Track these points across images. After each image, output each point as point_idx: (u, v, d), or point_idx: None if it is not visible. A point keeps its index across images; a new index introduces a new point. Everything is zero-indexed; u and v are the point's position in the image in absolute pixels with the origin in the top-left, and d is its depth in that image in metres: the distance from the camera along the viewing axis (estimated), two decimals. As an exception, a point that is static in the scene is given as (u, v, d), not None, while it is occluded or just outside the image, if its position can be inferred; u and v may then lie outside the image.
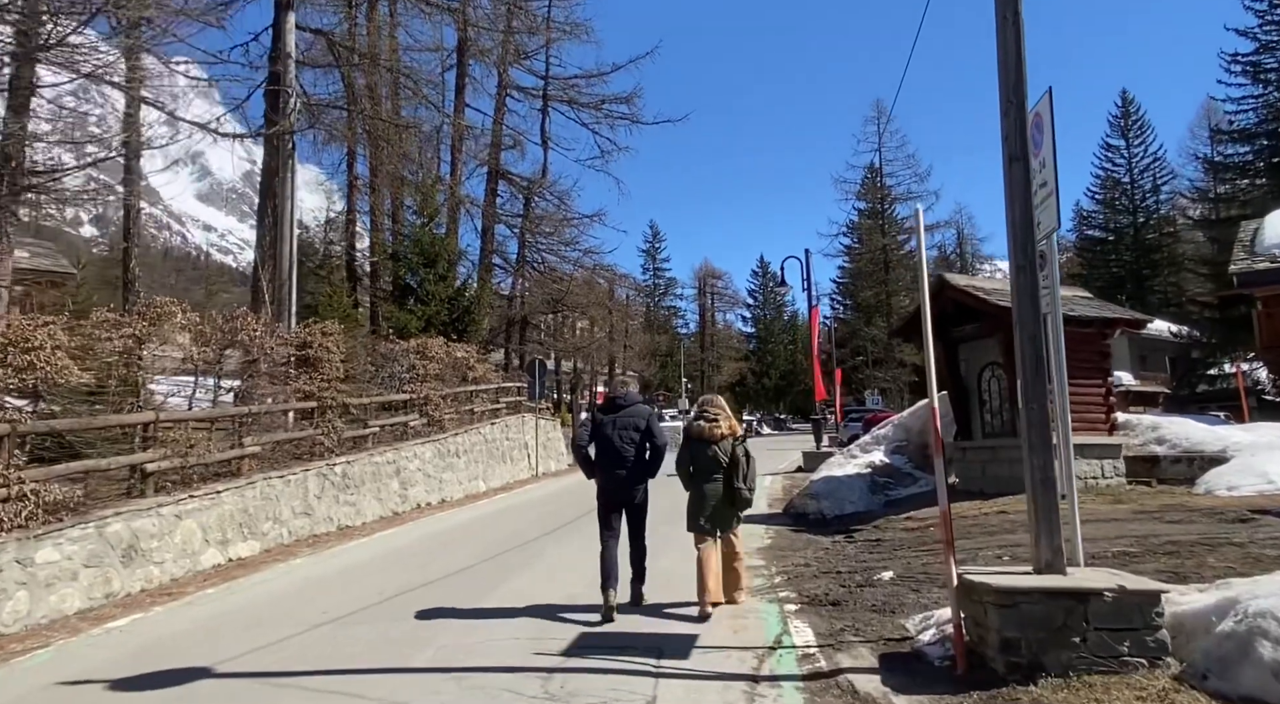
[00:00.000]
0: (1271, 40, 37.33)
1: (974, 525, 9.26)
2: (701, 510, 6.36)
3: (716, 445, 6.39)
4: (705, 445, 6.42)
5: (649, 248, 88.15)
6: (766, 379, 78.93)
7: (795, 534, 10.63)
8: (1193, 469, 11.49)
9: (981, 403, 12.00)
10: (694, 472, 6.45)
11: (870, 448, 13.93)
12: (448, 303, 22.55)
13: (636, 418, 6.49)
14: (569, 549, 9.61)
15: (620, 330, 53.14)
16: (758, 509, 13.70)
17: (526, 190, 29.88)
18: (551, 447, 24.54)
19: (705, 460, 6.40)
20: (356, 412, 13.65)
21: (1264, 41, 37.38)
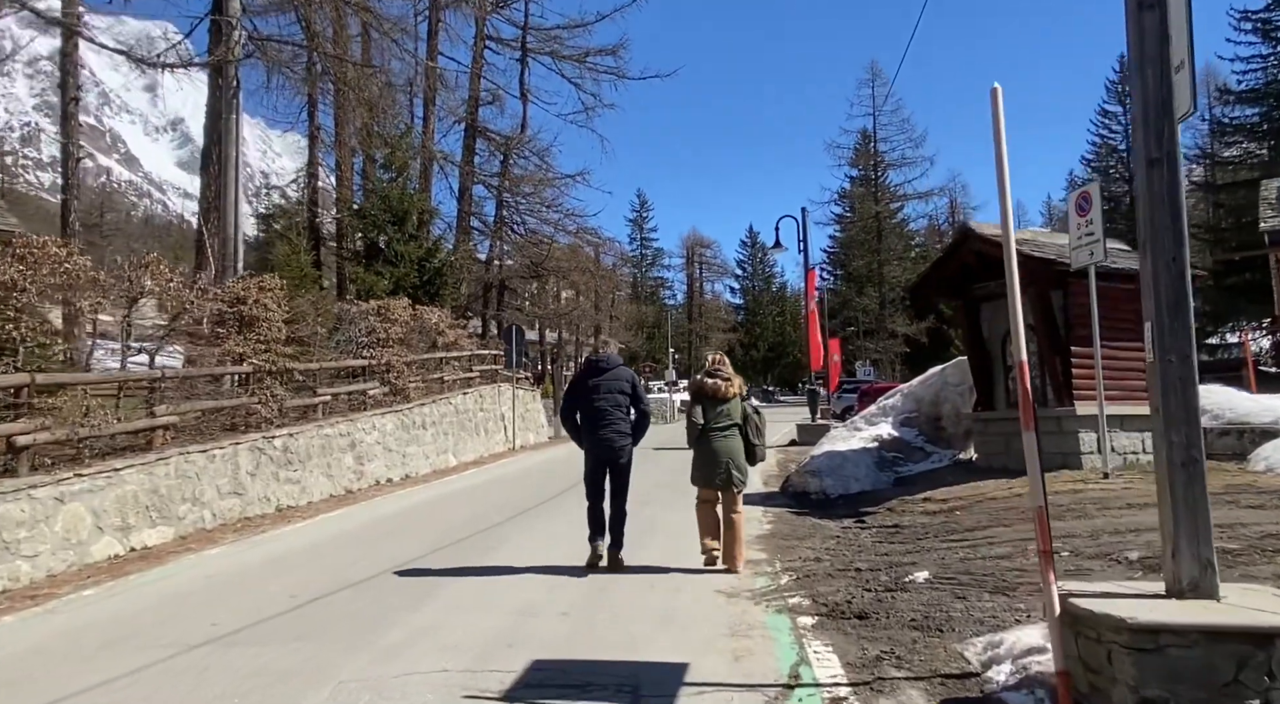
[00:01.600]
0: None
1: (1008, 509, 7.94)
2: (713, 465, 6.36)
3: (728, 403, 6.43)
4: (718, 403, 6.43)
5: (636, 217, 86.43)
6: (755, 351, 77.80)
7: (797, 518, 9.29)
8: (1243, 443, 10.21)
9: (1006, 369, 10.65)
10: (705, 427, 6.41)
11: (876, 420, 12.60)
12: (418, 265, 20.98)
13: (620, 381, 6.61)
14: (537, 537, 8.23)
15: (606, 299, 51.62)
16: (753, 487, 12.33)
17: (504, 147, 28.15)
18: (531, 418, 23.14)
19: (717, 416, 6.40)
20: (304, 378, 12.16)
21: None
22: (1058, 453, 9.80)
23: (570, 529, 7.89)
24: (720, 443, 6.38)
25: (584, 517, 6.76)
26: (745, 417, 6.50)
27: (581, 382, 6.76)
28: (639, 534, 7.45)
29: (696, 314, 71.95)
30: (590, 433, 6.57)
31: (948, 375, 12.10)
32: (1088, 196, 9.02)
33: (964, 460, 11.57)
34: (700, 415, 6.46)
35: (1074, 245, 9.20)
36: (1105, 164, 73.26)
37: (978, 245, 10.11)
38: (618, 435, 6.53)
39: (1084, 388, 9.82)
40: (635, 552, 6.96)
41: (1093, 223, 8.95)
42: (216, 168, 15.45)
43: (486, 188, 29.23)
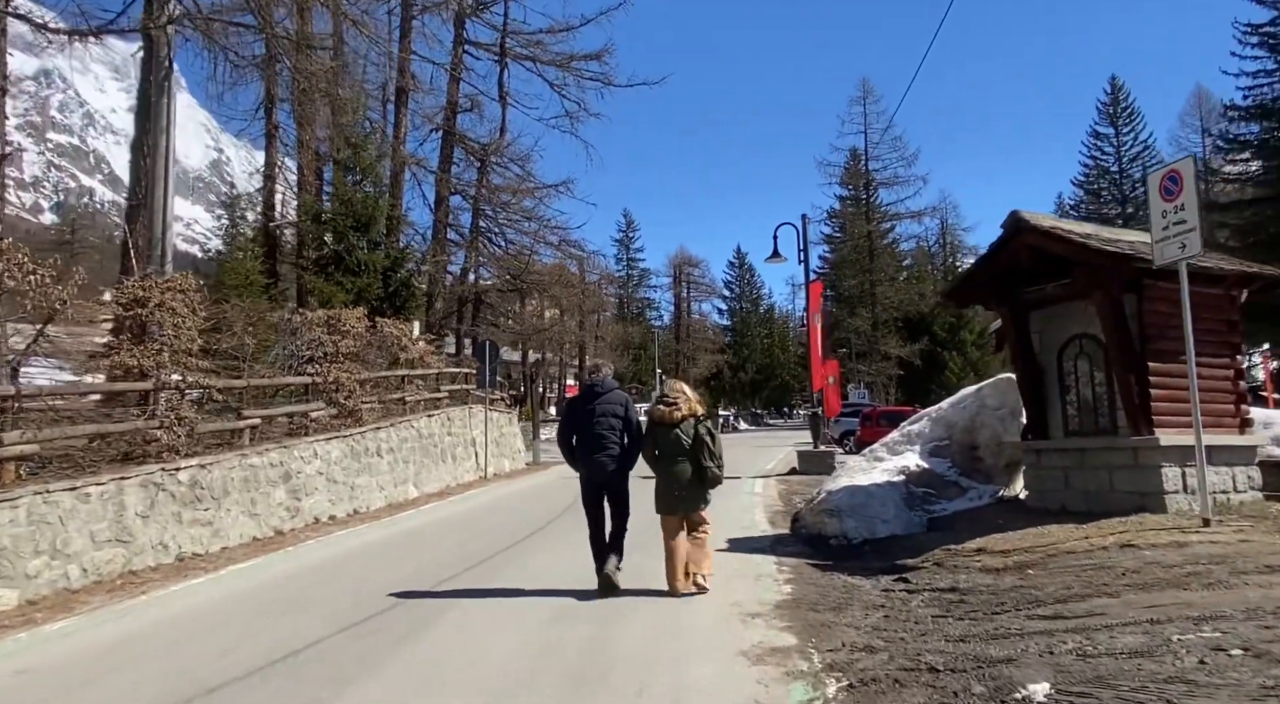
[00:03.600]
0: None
1: (1098, 568, 6.13)
2: (667, 493, 6.48)
3: (678, 427, 6.48)
4: (667, 429, 6.51)
5: (623, 237, 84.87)
6: (743, 373, 76.14)
7: (821, 573, 7.44)
8: (1350, 480, 8.49)
9: (1064, 389, 8.88)
10: (659, 455, 6.56)
11: (900, 448, 10.80)
12: (383, 275, 19.13)
13: (615, 405, 6.61)
14: (495, 613, 6.33)
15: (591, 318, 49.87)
16: (758, 527, 10.53)
17: (482, 153, 26.43)
18: (506, 444, 21.22)
19: (668, 443, 6.50)
20: (225, 398, 10.25)
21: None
22: (1134, 492, 8.03)
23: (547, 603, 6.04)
24: (674, 467, 6.45)
25: (566, 575, 6.69)
26: (697, 439, 6.46)
27: (579, 406, 6.77)
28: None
29: (684, 335, 70.19)
30: (585, 457, 6.58)
31: (985, 396, 10.34)
32: (1177, 175, 7.32)
33: (1009, 498, 9.78)
34: (654, 442, 6.59)
35: (1159, 237, 7.48)
36: (1096, 186, 72.70)
37: (1032, 239, 8.38)
38: (610, 460, 6.51)
39: (1166, 413, 8.07)
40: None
41: (1184, 208, 7.25)
42: (147, 160, 13.59)
43: (463, 197, 27.47)
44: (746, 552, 8.66)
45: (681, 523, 6.48)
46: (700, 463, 6.41)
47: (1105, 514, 8.00)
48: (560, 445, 6.92)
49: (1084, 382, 8.68)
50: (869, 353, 52.13)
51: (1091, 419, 8.59)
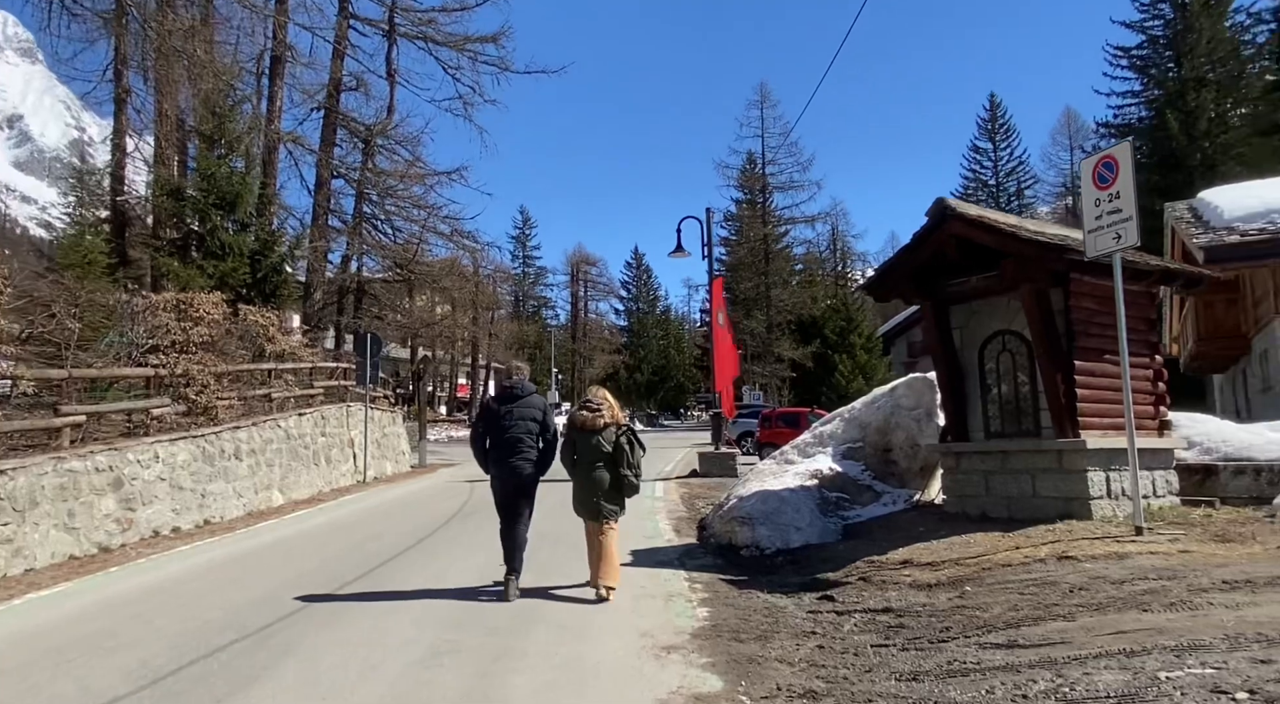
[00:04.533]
0: (1157, 35, 37.12)
1: (1041, 584, 5.57)
2: (585, 498, 6.43)
3: (599, 435, 6.43)
4: (588, 435, 6.46)
5: (519, 234, 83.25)
6: (639, 374, 75.82)
7: (738, 592, 6.64)
8: (1260, 484, 8.38)
9: (985, 389, 8.44)
10: (577, 460, 6.51)
11: (812, 450, 10.21)
12: (251, 259, 17.31)
13: (533, 409, 6.53)
14: (364, 635, 5.21)
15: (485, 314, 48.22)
16: (663, 536, 9.69)
17: (367, 134, 24.68)
18: (389, 445, 19.71)
19: (588, 449, 6.45)
20: (38, 391, 8.62)
21: (1151, 35, 37.12)
22: (1058, 497, 7.63)
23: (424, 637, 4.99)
24: (592, 473, 6.41)
25: (449, 603, 6.11)
26: (617, 447, 6.43)
27: (495, 409, 6.62)
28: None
29: (581, 334, 69.20)
30: (500, 461, 6.48)
31: (900, 396, 9.86)
32: (1112, 162, 6.93)
33: (924, 504, 9.31)
34: (573, 447, 6.55)
35: (1092, 227, 7.08)
36: (976, 198, 76.12)
37: (958, 228, 7.89)
38: (526, 464, 6.45)
39: (1091, 414, 7.71)
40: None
41: (1120, 196, 6.85)
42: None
43: (346, 181, 25.62)
44: (654, 565, 7.81)
45: (598, 528, 6.45)
46: (619, 471, 6.39)
47: (1028, 521, 7.56)
48: (473, 448, 6.75)
49: (1006, 380, 8.26)
50: (764, 355, 52.50)
51: (1014, 420, 8.17)
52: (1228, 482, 8.40)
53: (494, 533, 6.77)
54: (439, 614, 5.87)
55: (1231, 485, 8.37)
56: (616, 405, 6.68)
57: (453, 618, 5.75)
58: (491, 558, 7.80)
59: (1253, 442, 9.28)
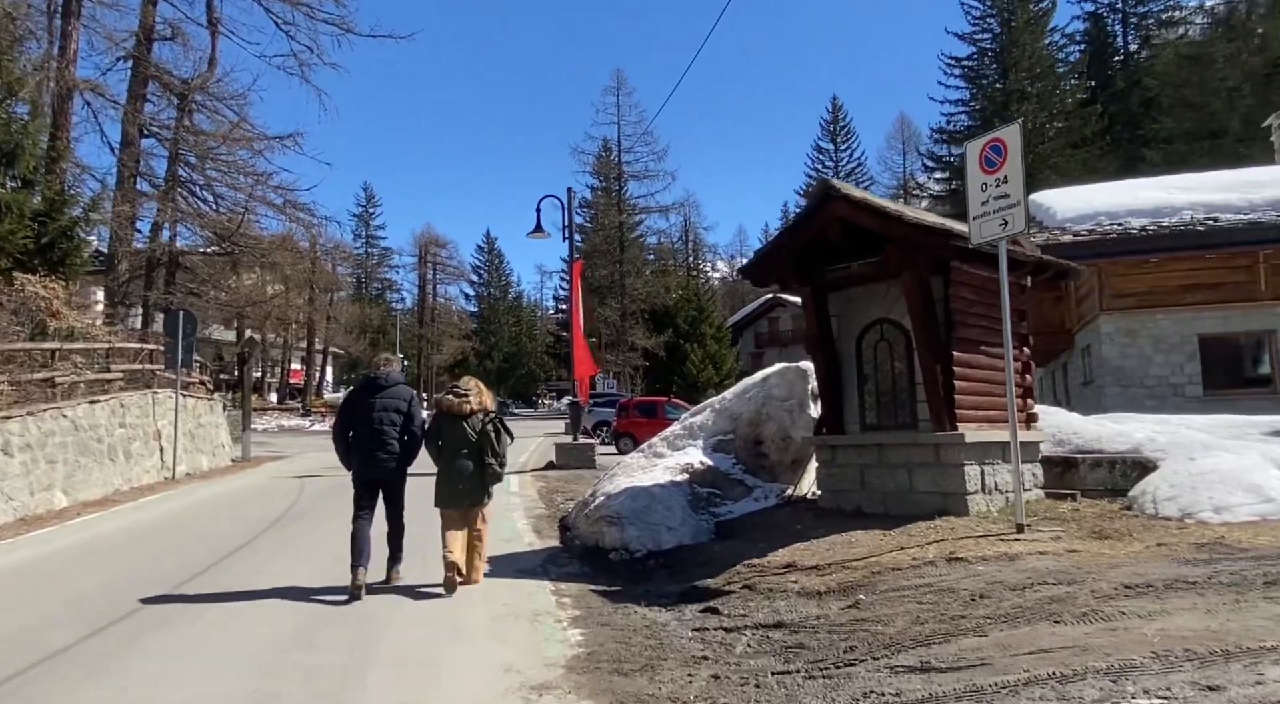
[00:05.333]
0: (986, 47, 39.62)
1: (939, 591, 5.19)
2: (449, 486, 6.31)
3: (466, 421, 6.35)
4: (455, 421, 6.37)
5: (362, 212, 79.06)
6: (490, 361, 73.97)
7: (613, 607, 5.91)
8: (1115, 476, 8.56)
9: (862, 379, 8.14)
10: (443, 447, 6.36)
11: (682, 442, 9.65)
12: (34, 221, 14.80)
13: (399, 400, 6.38)
14: (150, 690, 4.04)
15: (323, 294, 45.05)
16: (522, 538, 8.82)
17: (184, 89, 21.97)
18: (206, 436, 17.59)
19: (454, 436, 6.35)
20: None
21: (981, 48, 39.59)
22: (935, 492, 7.42)
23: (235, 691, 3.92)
24: (457, 461, 6.31)
25: (268, 637, 5.12)
26: (483, 434, 6.36)
27: (358, 399, 6.44)
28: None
29: (429, 319, 66.39)
30: (363, 453, 6.29)
31: (772, 387, 9.47)
32: (1000, 145, 6.70)
33: (797, 499, 8.95)
34: (438, 434, 6.41)
35: (977, 213, 6.84)
36: (819, 197, 79.20)
37: (842, 210, 7.49)
38: (389, 457, 6.29)
39: (968, 406, 7.54)
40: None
41: (1008, 181, 6.63)
42: None
43: (159, 141, 22.73)
44: (515, 574, 6.96)
45: (463, 518, 6.34)
46: (484, 459, 6.31)
47: (905, 517, 7.31)
48: (335, 440, 6.50)
49: (884, 371, 7.98)
50: (618, 343, 52.28)
51: (891, 412, 7.91)
52: (1086, 474, 8.54)
53: (323, 541, 5.75)
54: (257, 652, 4.77)
55: (1090, 478, 8.51)
56: (486, 393, 6.54)
57: (268, 661, 4.67)
58: (324, 573, 6.70)
59: (1100, 433, 9.56)
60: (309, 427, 37.02)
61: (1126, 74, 45.82)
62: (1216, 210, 15.87)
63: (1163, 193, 16.96)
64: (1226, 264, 15.82)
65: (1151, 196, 16.95)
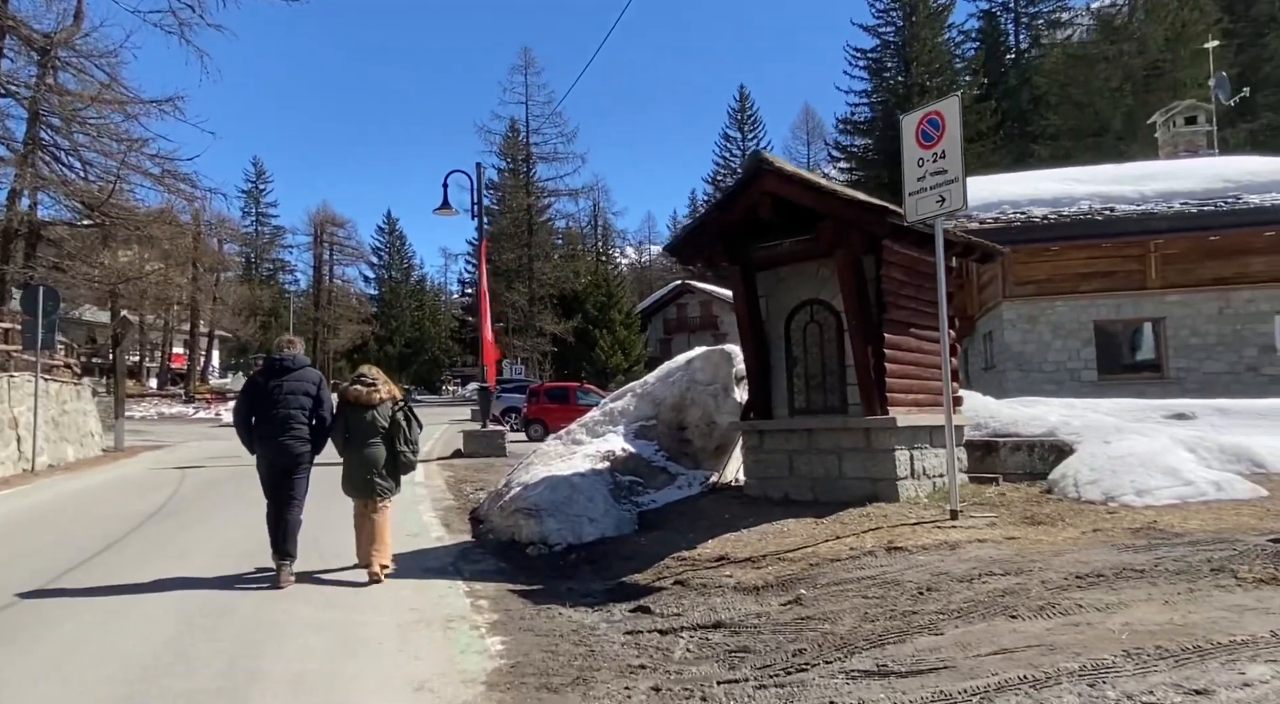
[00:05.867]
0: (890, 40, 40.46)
1: (884, 585, 4.92)
2: (357, 476, 6.18)
3: (375, 410, 6.23)
4: (362, 410, 6.22)
5: (252, 188, 74.99)
6: (391, 345, 71.62)
7: (535, 608, 5.40)
8: (1034, 460, 8.60)
9: (791, 362, 7.87)
10: (350, 437, 6.24)
11: (602, 429, 9.19)
12: None
13: (306, 383, 6.17)
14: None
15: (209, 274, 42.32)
16: (430, 532, 8.18)
17: (46, 44, 19.92)
18: (71, 425, 16.03)
19: (362, 425, 6.21)
20: None
21: (884, 40, 40.40)
22: (865, 478, 7.21)
23: None
24: (366, 451, 6.19)
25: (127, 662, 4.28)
26: (394, 423, 6.29)
27: (261, 382, 6.17)
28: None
29: (325, 302, 63.56)
30: (268, 439, 6.02)
31: (695, 370, 9.11)
32: (938, 118, 6.48)
33: (722, 486, 8.63)
34: (344, 424, 6.27)
35: (914, 189, 6.63)
36: (724, 184, 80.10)
37: (774, 184, 7.15)
38: (298, 442, 6.03)
39: (898, 390, 7.36)
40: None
41: (945, 156, 6.43)
42: None
43: (17, 100, 20.56)
44: (424, 574, 6.37)
45: (371, 506, 6.20)
46: (394, 448, 6.24)
47: (835, 504, 7.09)
48: (237, 426, 6.31)
49: (814, 354, 7.72)
50: (525, 328, 51.33)
51: (820, 396, 7.67)
52: (1007, 458, 8.54)
53: (205, 538, 5.07)
54: (107, 678, 4.04)
55: (1010, 461, 8.52)
56: (391, 381, 6.51)
57: (134, 686, 3.97)
58: (207, 573, 5.96)
59: (1016, 417, 9.63)
60: (192, 414, 34.75)
61: (1018, 72, 47.78)
62: (1112, 201, 16.46)
63: (1063, 184, 17.49)
64: (1120, 253, 16.44)
65: (1052, 187, 17.45)
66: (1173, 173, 17.08)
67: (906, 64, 42.95)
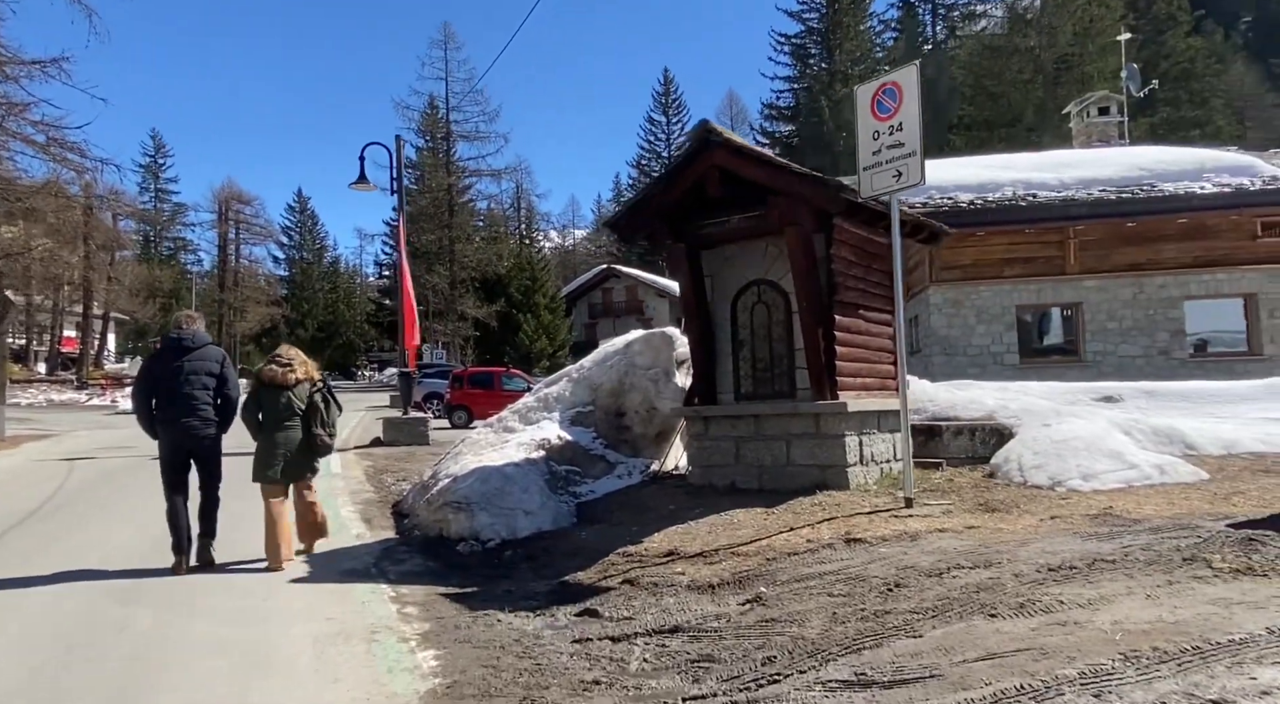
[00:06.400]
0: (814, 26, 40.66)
1: (848, 580, 4.63)
2: (273, 460, 6.01)
3: (291, 391, 6.10)
4: (277, 391, 6.09)
5: (151, 162, 70.87)
6: (302, 329, 68.79)
7: (470, 615, 4.90)
8: (975, 444, 8.52)
9: (738, 345, 7.53)
10: (264, 419, 6.09)
11: (536, 415, 8.70)
12: None
13: (210, 361, 5.96)
14: None
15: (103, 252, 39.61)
16: (349, 528, 7.53)
17: (-91, -9, 17.91)
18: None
19: (278, 407, 6.08)
20: None
21: (809, 26, 40.57)
22: (814, 465, 6.95)
23: None
24: (281, 433, 6.05)
25: None
26: (311, 405, 6.14)
27: (160, 362, 5.97)
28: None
29: (231, 283, 60.55)
30: (170, 421, 5.81)
31: (635, 354, 8.69)
32: (895, 89, 6.20)
33: (664, 474, 8.27)
34: (258, 405, 6.12)
35: (868, 163, 6.34)
36: (650, 169, 79.84)
37: (723, 157, 6.78)
38: (203, 424, 5.86)
39: (847, 373, 7.11)
40: None
41: (902, 129, 6.15)
42: None
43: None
44: (343, 577, 5.79)
45: (285, 492, 6.10)
46: (312, 430, 6.11)
47: (783, 492, 6.81)
48: (136, 408, 6.06)
49: (761, 336, 7.40)
50: (446, 312, 49.94)
51: (768, 381, 7.36)
52: (949, 442, 8.43)
53: (95, 539, 4.50)
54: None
55: (953, 446, 8.41)
56: (310, 363, 6.31)
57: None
58: (97, 577, 5.27)
59: (954, 400, 9.57)
60: (85, 401, 32.50)
61: (935, 62, 48.81)
62: (1034, 188, 16.76)
63: (987, 171, 17.72)
64: (1041, 239, 16.76)
65: (978, 174, 17.66)
66: (1091, 161, 17.49)
67: (830, 51, 43.29)
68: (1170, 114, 39.97)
